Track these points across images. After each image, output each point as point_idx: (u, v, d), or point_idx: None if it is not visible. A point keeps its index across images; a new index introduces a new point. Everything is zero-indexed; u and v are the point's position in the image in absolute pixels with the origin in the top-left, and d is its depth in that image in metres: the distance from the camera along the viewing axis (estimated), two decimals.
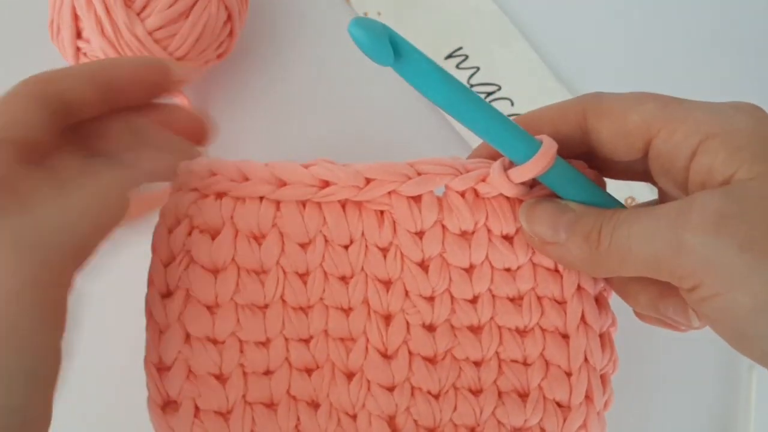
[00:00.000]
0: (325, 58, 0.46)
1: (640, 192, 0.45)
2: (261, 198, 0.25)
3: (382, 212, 0.26)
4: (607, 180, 0.28)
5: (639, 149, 0.24)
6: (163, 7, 0.37)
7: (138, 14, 0.37)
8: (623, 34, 0.50)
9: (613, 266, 0.23)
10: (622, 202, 0.46)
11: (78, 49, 0.38)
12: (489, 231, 0.25)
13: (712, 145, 0.21)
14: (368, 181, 0.24)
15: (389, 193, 0.25)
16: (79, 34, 0.38)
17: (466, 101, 0.22)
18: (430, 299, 0.26)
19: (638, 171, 0.26)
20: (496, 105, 0.46)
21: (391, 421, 0.26)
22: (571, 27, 0.49)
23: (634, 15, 0.50)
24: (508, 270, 0.26)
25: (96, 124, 0.25)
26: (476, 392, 0.27)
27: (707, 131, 0.22)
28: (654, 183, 0.26)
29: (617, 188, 0.45)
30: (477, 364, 0.27)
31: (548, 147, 0.23)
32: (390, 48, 0.20)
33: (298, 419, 0.26)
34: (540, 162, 0.23)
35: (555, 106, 0.25)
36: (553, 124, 0.25)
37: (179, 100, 0.42)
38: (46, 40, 0.40)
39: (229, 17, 0.40)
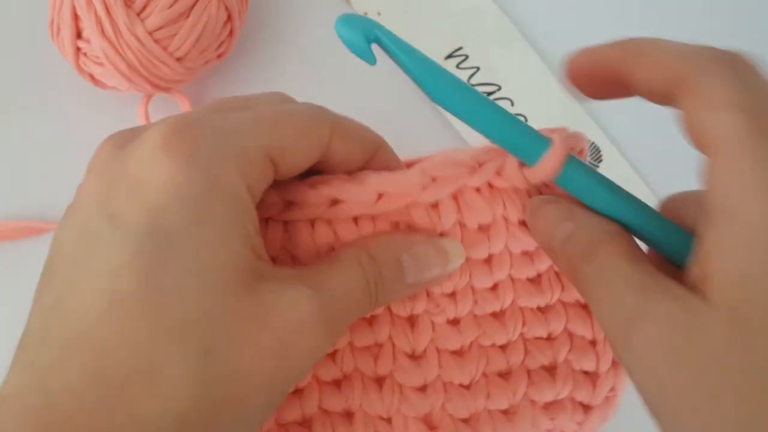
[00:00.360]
0: (325, 58, 0.46)
1: (641, 192, 0.45)
2: (267, 219, 0.23)
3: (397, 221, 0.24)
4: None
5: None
6: (163, 7, 0.37)
7: (138, 14, 0.37)
8: (624, 34, 0.50)
9: (587, 302, 0.22)
10: None
11: (78, 49, 0.38)
12: (506, 220, 0.24)
13: (723, 229, 0.17)
14: (380, 195, 0.23)
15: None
16: (79, 34, 0.38)
17: (467, 98, 0.21)
18: (452, 295, 0.26)
19: None
20: None
21: (427, 419, 0.26)
22: (571, 27, 0.48)
23: (636, 15, 0.50)
24: (526, 253, 0.26)
25: None
26: (506, 375, 0.27)
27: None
28: None
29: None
30: (503, 347, 0.26)
31: (557, 149, 0.21)
32: (370, 52, 0.20)
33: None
34: (547, 166, 0.21)
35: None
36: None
37: (179, 99, 0.42)
38: (46, 40, 0.40)
39: (229, 17, 0.40)
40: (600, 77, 0.21)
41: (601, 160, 0.46)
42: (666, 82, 0.19)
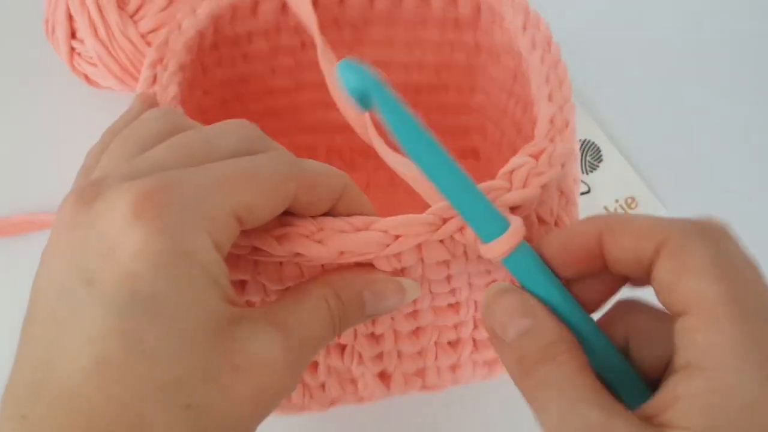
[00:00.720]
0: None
1: (641, 192, 0.45)
2: (238, 255, 0.24)
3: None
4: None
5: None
6: (156, 10, 0.36)
7: (131, 16, 0.36)
8: (624, 33, 0.49)
9: (529, 401, 0.21)
10: (623, 201, 0.46)
11: (72, 49, 0.38)
12: (466, 255, 0.25)
13: (693, 376, 0.18)
14: (342, 252, 0.23)
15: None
16: (73, 34, 0.38)
17: (440, 165, 0.21)
18: (413, 300, 0.27)
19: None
20: None
21: (381, 373, 0.30)
22: (571, 27, 0.48)
23: (637, 15, 0.50)
24: (486, 271, 0.26)
25: None
26: (455, 344, 0.29)
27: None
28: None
29: (616, 187, 0.45)
30: (455, 326, 0.29)
31: (513, 232, 0.22)
32: (359, 102, 0.20)
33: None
34: (498, 249, 0.22)
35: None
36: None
37: None
38: (42, 39, 0.40)
39: None
40: (576, 255, 0.22)
41: (601, 160, 0.46)
42: (646, 249, 0.20)
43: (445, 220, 0.23)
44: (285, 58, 0.36)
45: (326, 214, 0.24)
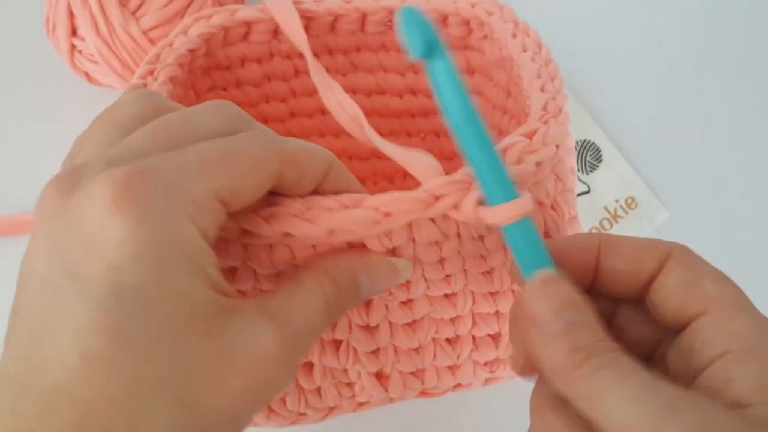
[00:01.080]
0: None
1: (641, 192, 0.45)
2: (227, 240, 0.24)
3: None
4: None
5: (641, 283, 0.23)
6: (158, 7, 0.37)
7: (133, 13, 0.37)
8: (624, 33, 0.50)
9: (574, 397, 0.20)
10: (623, 201, 0.46)
11: (73, 46, 0.38)
12: (459, 236, 0.25)
13: (741, 358, 0.20)
14: (332, 231, 0.23)
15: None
16: (74, 32, 0.38)
17: (470, 121, 0.21)
18: (406, 284, 0.26)
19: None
20: None
21: (378, 373, 0.29)
22: (570, 26, 0.48)
23: (637, 15, 0.50)
24: (480, 256, 0.26)
25: None
26: (453, 341, 0.29)
27: (741, 345, 0.20)
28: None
29: (616, 187, 0.45)
30: (453, 320, 0.28)
31: (523, 202, 0.22)
32: (418, 53, 0.20)
33: (297, 379, 0.29)
34: (507, 212, 0.21)
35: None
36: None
37: None
38: (43, 37, 0.40)
39: None
40: (570, 262, 0.23)
41: (601, 160, 0.46)
42: (648, 262, 0.22)
43: (437, 198, 0.23)
44: (278, 85, 0.36)
45: (314, 193, 0.23)
